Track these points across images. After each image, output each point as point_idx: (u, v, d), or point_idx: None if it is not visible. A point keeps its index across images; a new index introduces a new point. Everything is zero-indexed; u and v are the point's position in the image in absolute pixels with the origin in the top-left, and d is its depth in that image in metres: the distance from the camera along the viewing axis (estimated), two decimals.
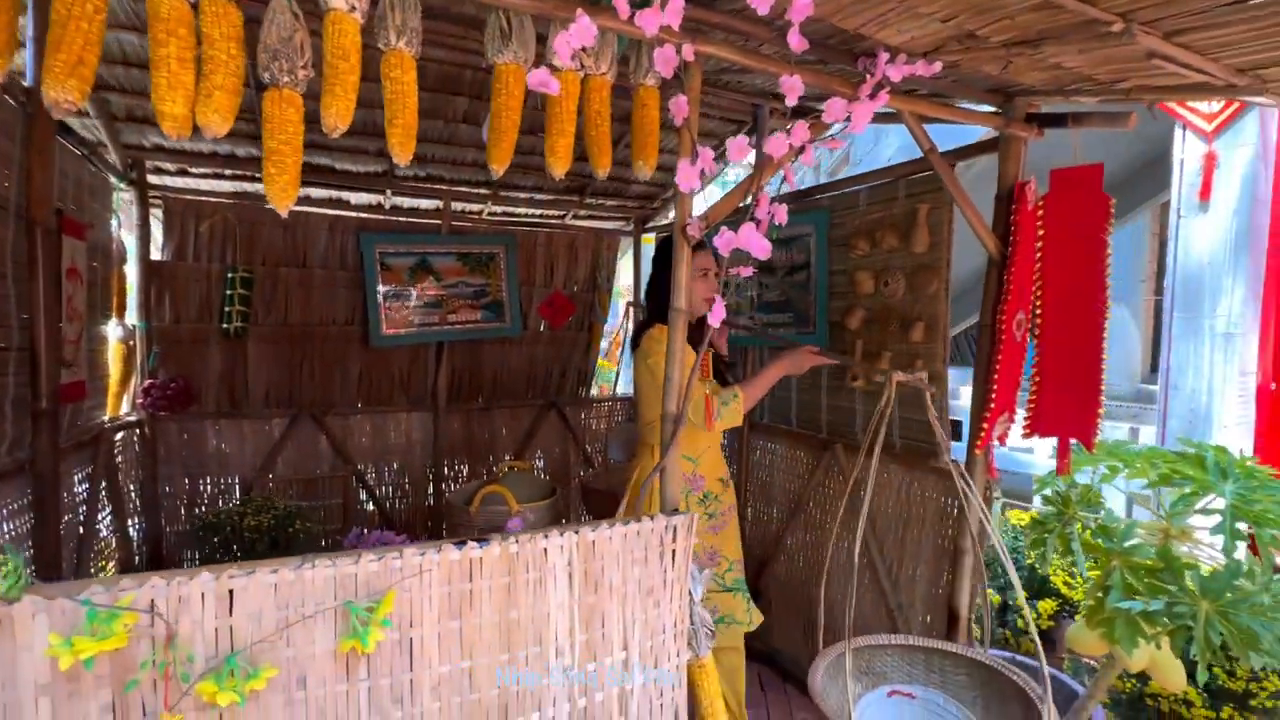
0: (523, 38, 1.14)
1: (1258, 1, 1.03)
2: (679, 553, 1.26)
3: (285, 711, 0.95)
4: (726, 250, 1.28)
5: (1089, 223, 1.72)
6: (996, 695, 1.57)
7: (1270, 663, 1.56)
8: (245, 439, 2.99)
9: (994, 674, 1.59)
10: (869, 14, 1.27)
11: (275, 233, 3.02)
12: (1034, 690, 1.45)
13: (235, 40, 0.99)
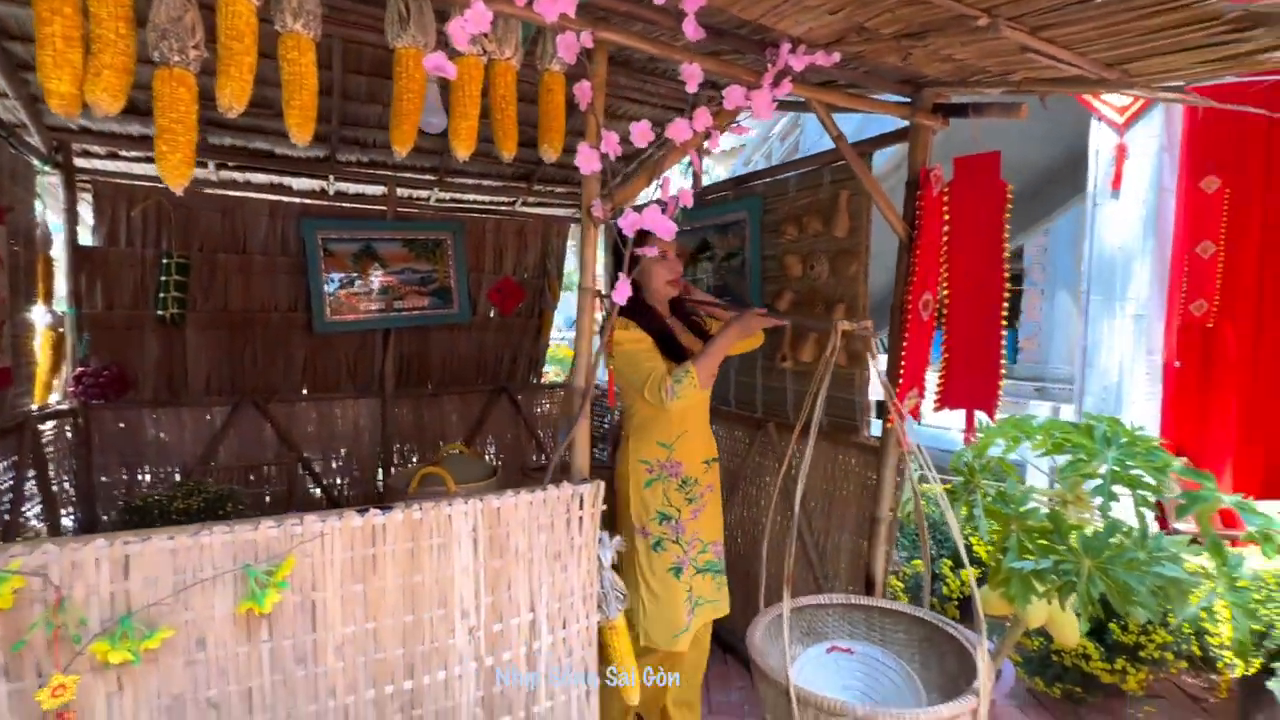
0: (421, 22, 1.17)
1: (1101, 2, 1.12)
2: (586, 519, 1.32)
3: (186, 672, 0.98)
4: (631, 231, 1.34)
5: (989, 208, 1.82)
6: (934, 651, 1.62)
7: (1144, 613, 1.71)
8: (185, 427, 2.96)
9: (931, 629, 1.64)
10: (764, 5, 1.33)
11: (212, 218, 2.98)
12: (968, 640, 1.47)
13: (124, 19, 1.00)
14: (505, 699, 1.25)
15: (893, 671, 1.62)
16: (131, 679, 0.95)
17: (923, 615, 1.63)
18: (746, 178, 2.77)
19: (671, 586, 1.87)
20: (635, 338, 1.79)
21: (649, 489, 1.89)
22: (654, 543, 1.88)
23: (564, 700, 1.32)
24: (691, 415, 1.91)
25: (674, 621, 1.86)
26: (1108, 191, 2.89)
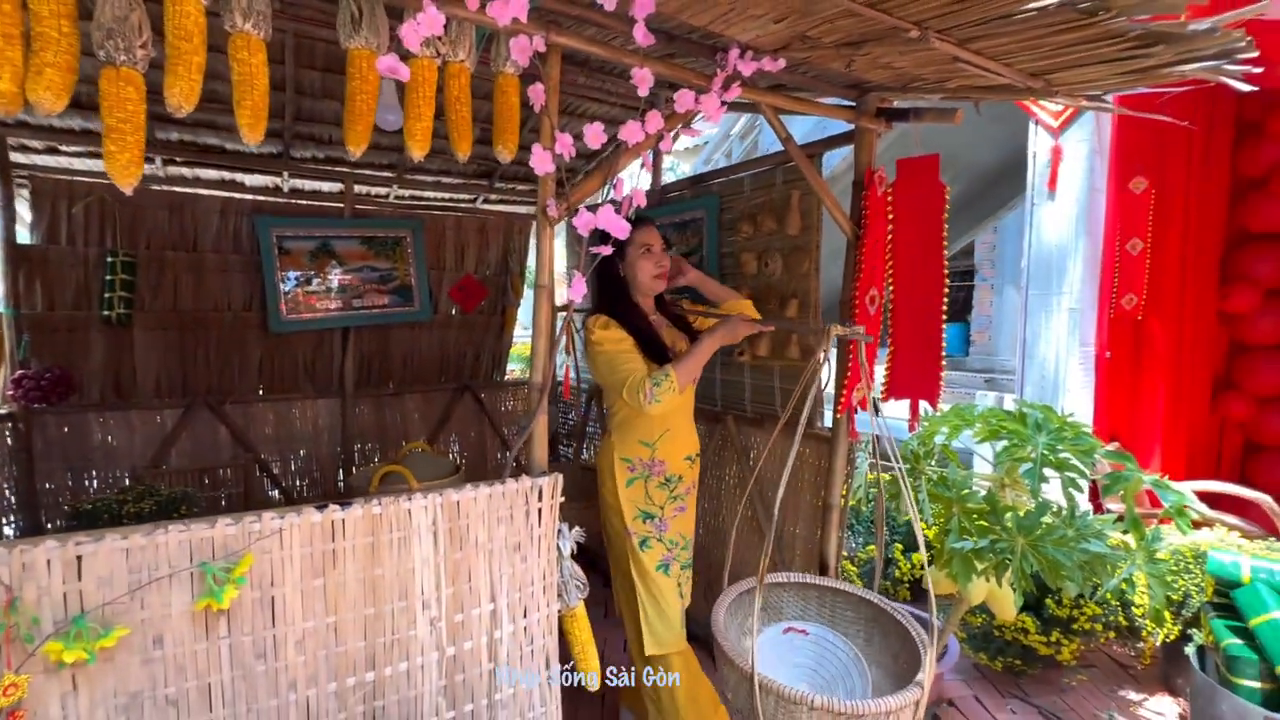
0: (373, 24, 1.19)
1: (1020, 17, 1.21)
2: (545, 510, 1.36)
3: (143, 670, 0.99)
4: (585, 231, 1.38)
5: (930, 208, 1.92)
6: (879, 630, 1.68)
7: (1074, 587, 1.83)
8: (134, 430, 2.88)
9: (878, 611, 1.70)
10: (712, 13, 1.38)
11: (159, 215, 2.90)
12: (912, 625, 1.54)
13: (67, 17, 0.99)
14: (467, 687, 1.28)
15: (841, 652, 1.70)
16: (87, 678, 0.95)
17: (870, 597, 1.70)
18: (704, 177, 2.83)
19: (664, 583, 1.86)
20: (616, 338, 1.75)
21: (630, 487, 1.86)
22: (639, 541, 1.86)
23: (526, 687, 1.36)
24: (675, 414, 1.87)
25: (676, 618, 1.86)
26: (1045, 192, 3.05)
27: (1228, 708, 1.68)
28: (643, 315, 1.84)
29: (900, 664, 1.55)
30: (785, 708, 1.23)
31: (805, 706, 1.21)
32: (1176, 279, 3.56)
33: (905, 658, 1.54)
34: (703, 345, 1.76)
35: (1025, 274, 3.19)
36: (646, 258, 1.84)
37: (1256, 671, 1.65)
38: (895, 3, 1.19)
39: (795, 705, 1.22)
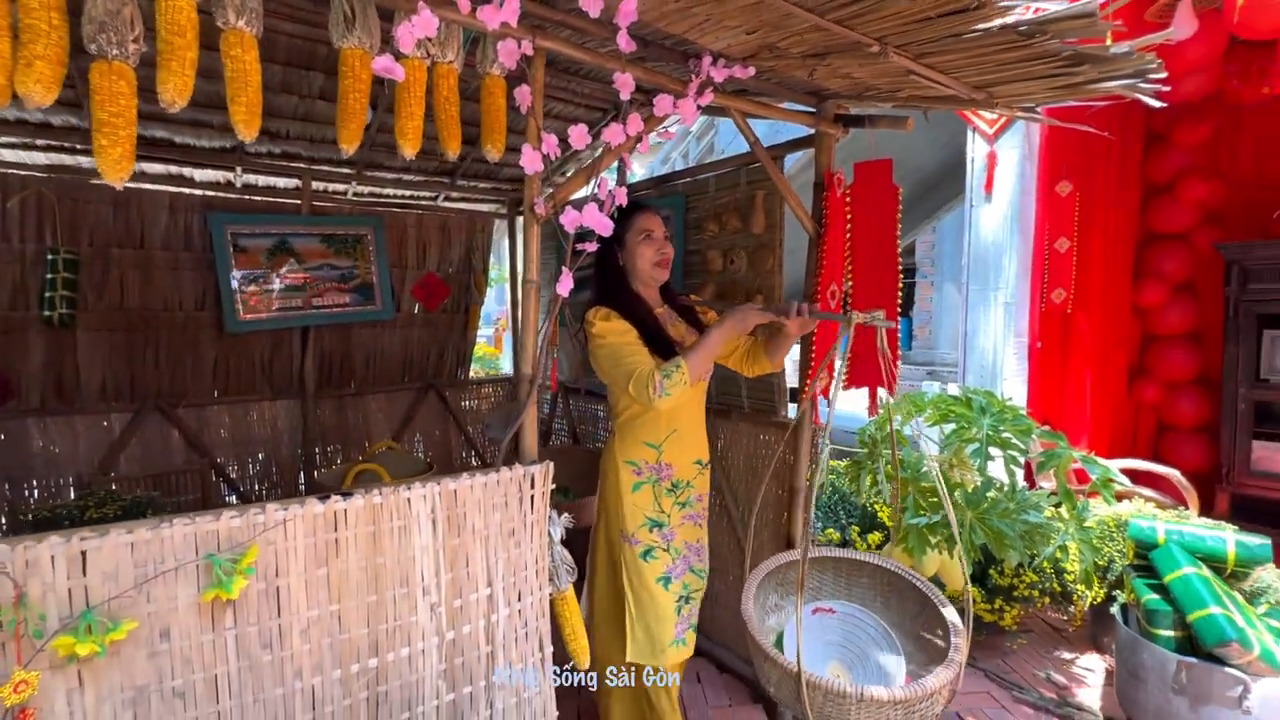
0: (366, 24, 1.21)
1: (969, 36, 1.34)
2: (538, 497, 1.41)
3: (150, 663, 0.99)
4: (572, 227, 1.43)
5: (884, 208, 2.06)
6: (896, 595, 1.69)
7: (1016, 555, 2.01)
8: (79, 436, 2.74)
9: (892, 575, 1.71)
10: (688, 22, 1.46)
11: (103, 210, 2.77)
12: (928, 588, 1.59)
13: (56, 9, 0.98)
14: (466, 670, 1.32)
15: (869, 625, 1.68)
16: (92, 674, 0.95)
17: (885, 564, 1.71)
18: (669, 177, 2.92)
19: (658, 598, 1.73)
20: (619, 329, 1.65)
21: (637, 492, 1.74)
22: (643, 552, 1.74)
23: (520, 668, 1.41)
24: (683, 413, 1.76)
25: (661, 634, 1.73)
26: (982, 194, 3.28)
27: (1148, 656, 1.88)
28: (646, 306, 1.75)
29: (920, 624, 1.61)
30: (834, 702, 1.23)
31: (853, 701, 1.22)
32: (1098, 275, 3.89)
33: (925, 618, 1.60)
34: (712, 335, 1.61)
35: (965, 271, 3.42)
36: (647, 244, 1.74)
37: (1171, 622, 1.86)
38: (860, 20, 1.30)
39: (843, 699, 1.22)
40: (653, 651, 1.74)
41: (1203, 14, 2.96)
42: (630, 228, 1.76)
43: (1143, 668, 1.91)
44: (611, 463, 1.78)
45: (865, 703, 1.22)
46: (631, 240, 1.76)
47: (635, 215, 1.77)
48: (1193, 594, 1.80)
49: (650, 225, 1.76)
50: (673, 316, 1.86)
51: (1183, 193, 4.16)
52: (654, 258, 1.76)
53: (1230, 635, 1.69)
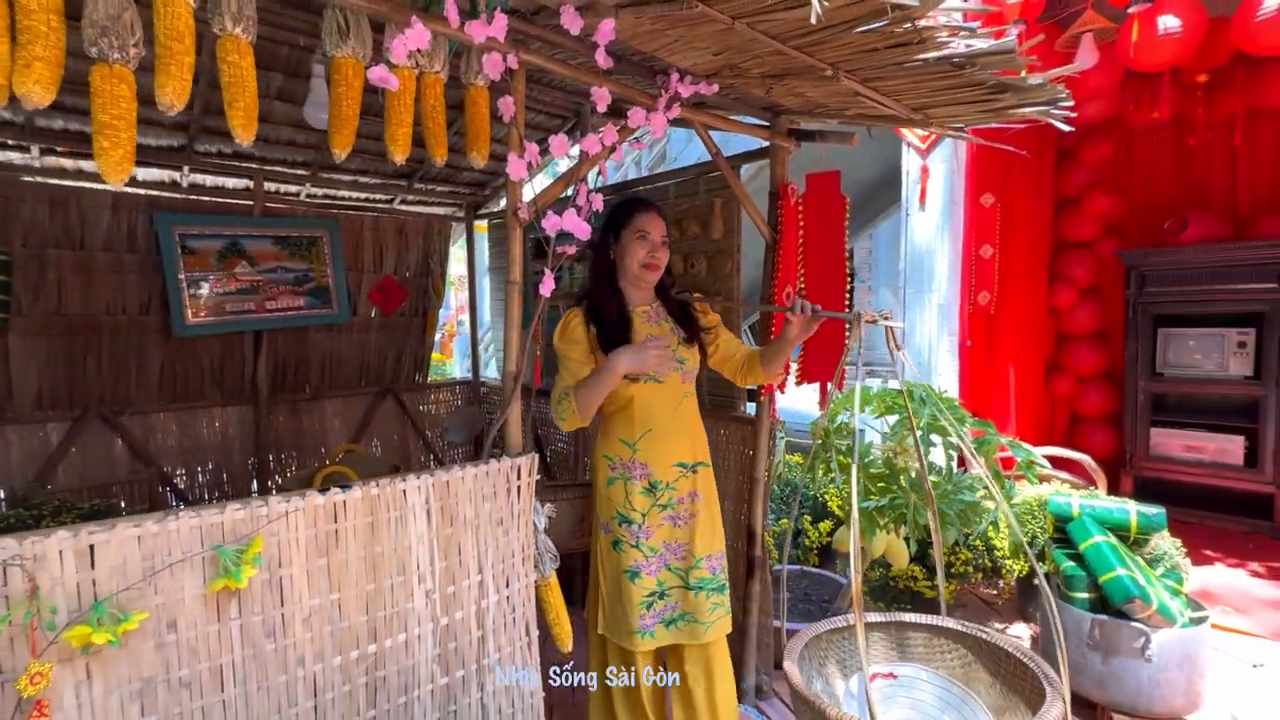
0: (360, 35, 1.26)
1: (910, 65, 1.50)
2: (523, 488, 1.48)
3: (157, 654, 1.01)
4: (553, 232, 1.51)
5: (833, 216, 2.24)
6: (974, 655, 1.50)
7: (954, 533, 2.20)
8: (11, 447, 2.60)
9: (959, 634, 1.52)
10: (660, 42, 1.57)
11: (39, 209, 2.64)
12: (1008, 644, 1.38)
13: (55, 11, 0.99)
14: (459, 654, 1.38)
15: (939, 688, 1.50)
16: (101, 666, 0.96)
17: (973, 631, 1.49)
18: (629, 184, 3.02)
19: (624, 587, 1.73)
20: (571, 339, 1.70)
21: (611, 487, 1.76)
22: (613, 541, 1.76)
23: (509, 651, 1.47)
24: (657, 413, 1.74)
25: (626, 620, 1.72)
26: (916, 204, 3.55)
27: (1066, 617, 2.12)
28: (619, 305, 1.75)
29: (1000, 684, 1.43)
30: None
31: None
32: (1018, 279, 4.25)
33: (1004, 679, 1.42)
34: (603, 372, 1.58)
35: (902, 275, 3.68)
36: (640, 243, 1.72)
37: (1085, 585, 2.10)
38: (817, 48, 1.44)
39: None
40: (618, 632, 1.75)
41: (1102, 46, 3.32)
42: (628, 224, 1.74)
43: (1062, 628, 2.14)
44: (595, 455, 1.83)
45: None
46: (627, 236, 1.74)
47: (637, 213, 1.75)
48: (1103, 559, 2.04)
49: (648, 226, 1.74)
50: (658, 314, 1.82)
51: (1088, 205, 4.61)
52: (644, 259, 1.73)
53: (1134, 592, 1.93)
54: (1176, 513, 4.19)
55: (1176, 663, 1.93)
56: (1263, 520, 3.97)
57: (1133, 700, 1.98)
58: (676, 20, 1.37)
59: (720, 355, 1.90)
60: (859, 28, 1.27)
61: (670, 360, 1.67)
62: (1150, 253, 4.28)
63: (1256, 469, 3.98)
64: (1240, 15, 2.88)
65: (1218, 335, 4.13)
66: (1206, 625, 2.00)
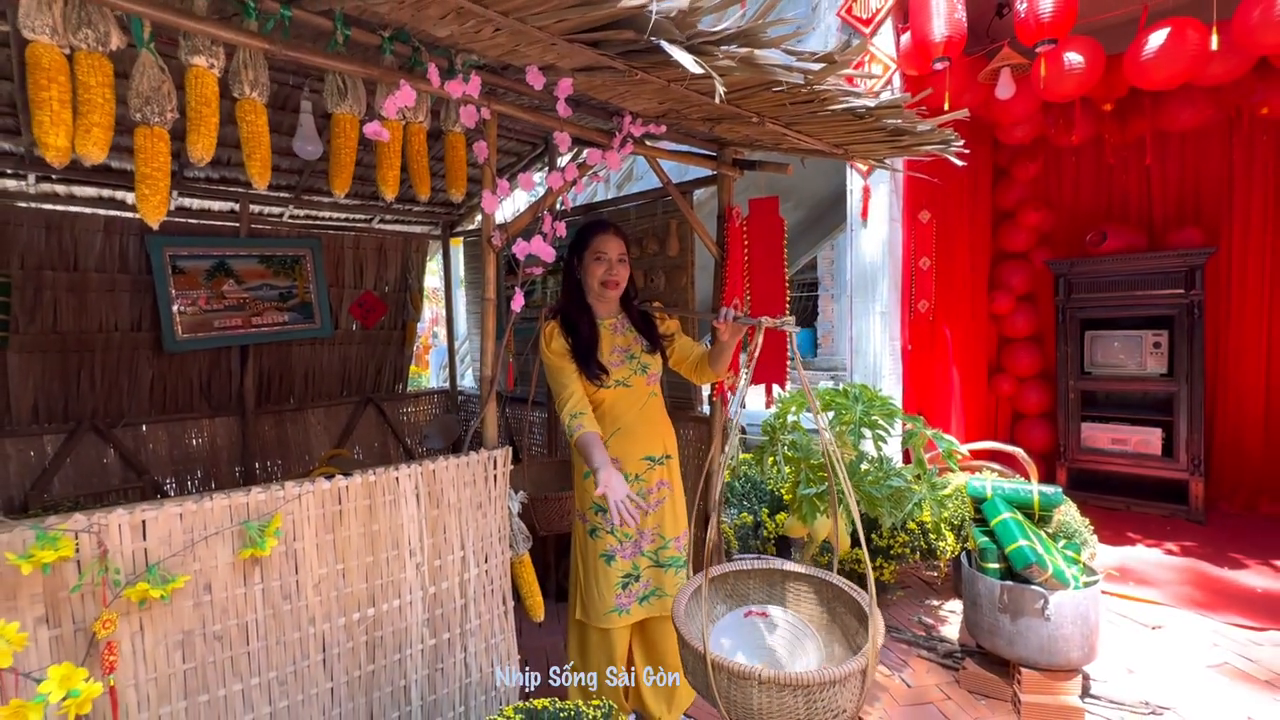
0: (356, 94, 1.50)
1: (821, 115, 1.79)
2: (499, 476, 1.72)
3: (195, 612, 1.23)
4: (523, 255, 1.76)
5: (773, 236, 2.52)
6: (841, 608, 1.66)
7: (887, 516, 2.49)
8: (9, 459, 2.74)
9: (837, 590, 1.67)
10: (612, 92, 1.84)
11: (35, 233, 2.81)
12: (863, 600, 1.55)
13: (108, 86, 1.22)
14: (445, 619, 1.60)
15: (801, 632, 1.69)
16: (151, 620, 1.17)
17: (829, 579, 1.72)
18: (594, 206, 3.29)
19: (601, 570, 1.90)
20: (558, 351, 1.88)
21: (586, 479, 1.90)
22: (590, 529, 1.94)
23: (489, 618, 1.70)
24: (625, 414, 1.93)
25: (602, 601, 1.89)
26: (860, 221, 3.87)
27: (981, 586, 2.41)
28: (589, 320, 1.92)
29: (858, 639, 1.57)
30: (738, 684, 1.25)
31: (755, 681, 1.22)
32: (960, 288, 4.61)
33: (862, 633, 1.54)
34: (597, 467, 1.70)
35: (850, 286, 4.00)
36: (597, 264, 1.89)
37: (996, 556, 2.40)
38: (742, 101, 1.72)
39: (746, 680, 1.24)
40: (592, 615, 1.92)
41: (1019, 78, 3.69)
42: (588, 246, 1.92)
43: (979, 596, 2.43)
44: (574, 452, 1.94)
45: (766, 684, 1.21)
46: (587, 258, 1.92)
47: (595, 235, 1.92)
48: (1008, 532, 2.34)
49: (604, 248, 1.90)
50: (623, 325, 1.99)
51: (1022, 219, 5.02)
52: (601, 277, 1.90)
53: (1031, 559, 2.23)
54: (1105, 500, 4.60)
55: (1071, 620, 2.23)
56: (1179, 505, 4.36)
57: (1036, 655, 2.27)
58: (623, 80, 1.63)
59: (677, 356, 2.10)
60: (770, 89, 1.55)
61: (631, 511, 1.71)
62: (1075, 262, 4.68)
63: (1173, 458, 4.37)
64: (1130, 54, 3.27)
65: (1136, 337, 4.54)
66: (1097, 588, 2.31)
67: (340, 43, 1.41)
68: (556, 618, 3.08)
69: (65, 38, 1.16)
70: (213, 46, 1.29)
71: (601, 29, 1.30)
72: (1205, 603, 3.07)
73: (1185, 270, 4.26)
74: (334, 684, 1.41)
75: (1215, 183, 4.52)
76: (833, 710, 1.24)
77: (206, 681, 1.24)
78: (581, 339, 1.88)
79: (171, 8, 1.23)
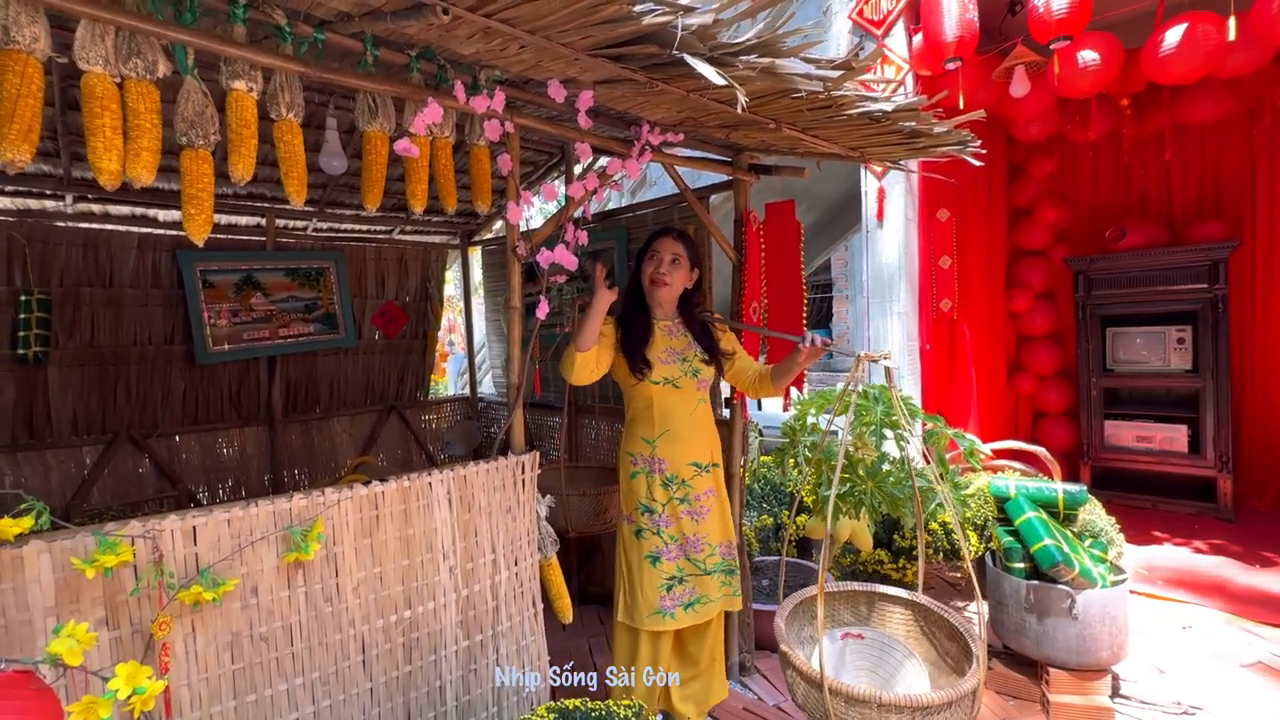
0: (386, 112, 1.55)
1: (837, 120, 1.82)
2: (528, 481, 1.76)
3: (243, 614, 1.27)
4: (546, 264, 1.80)
5: (789, 240, 2.54)
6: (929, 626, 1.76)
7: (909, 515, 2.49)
8: (51, 470, 2.83)
9: (924, 609, 1.80)
10: (631, 103, 1.88)
11: (73, 252, 2.91)
12: (956, 620, 1.63)
13: (156, 112, 1.27)
14: (477, 621, 1.64)
15: (897, 651, 1.76)
16: (202, 622, 1.22)
17: (915, 598, 1.79)
18: (611, 213, 3.33)
19: (647, 572, 1.94)
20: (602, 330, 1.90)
21: (634, 480, 1.98)
22: (635, 530, 1.97)
23: (519, 620, 1.74)
24: (674, 415, 1.98)
25: (646, 603, 1.92)
26: (875, 221, 3.88)
27: (1007, 585, 2.40)
28: (645, 318, 2.00)
29: (949, 659, 1.69)
30: (856, 708, 1.29)
31: (874, 705, 1.26)
32: (977, 287, 4.59)
33: (954, 651, 1.67)
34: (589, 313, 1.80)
35: (866, 287, 4.00)
36: (649, 261, 2.01)
37: (1021, 556, 2.39)
38: (759, 108, 1.75)
39: (864, 705, 1.27)
40: (636, 617, 1.94)
41: (1034, 75, 3.68)
42: (647, 249, 2.06)
43: (1004, 596, 2.43)
44: (620, 454, 2.06)
45: (885, 707, 1.25)
46: (645, 259, 2.05)
47: (655, 238, 2.05)
48: (1033, 532, 2.33)
49: (657, 247, 2.02)
50: (678, 330, 2.06)
51: (1039, 216, 4.98)
52: (650, 275, 2.00)
53: (1058, 558, 2.22)
54: (1131, 498, 4.54)
55: (1099, 619, 2.22)
56: (1207, 503, 4.29)
57: (1064, 655, 2.26)
58: (643, 91, 1.67)
59: (735, 371, 2.16)
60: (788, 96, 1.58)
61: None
62: (1095, 259, 4.64)
63: (1200, 455, 4.31)
64: (1147, 49, 3.25)
65: (1159, 332, 4.49)
66: (1125, 586, 2.29)
67: (370, 63, 1.46)
68: (580, 620, 3.12)
69: (116, 67, 1.22)
70: (252, 71, 1.34)
71: (625, 44, 1.34)
72: (1236, 602, 3.03)
73: (1208, 264, 4.21)
74: (373, 684, 1.45)
75: (1237, 175, 4.46)
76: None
77: (254, 681, 1.29)
78: (633, 333, 1.96)
79: (213, 35, 1.29)
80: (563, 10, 1.21)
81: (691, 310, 2.11)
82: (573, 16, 1.23)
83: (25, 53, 1.12)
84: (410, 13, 1.27)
